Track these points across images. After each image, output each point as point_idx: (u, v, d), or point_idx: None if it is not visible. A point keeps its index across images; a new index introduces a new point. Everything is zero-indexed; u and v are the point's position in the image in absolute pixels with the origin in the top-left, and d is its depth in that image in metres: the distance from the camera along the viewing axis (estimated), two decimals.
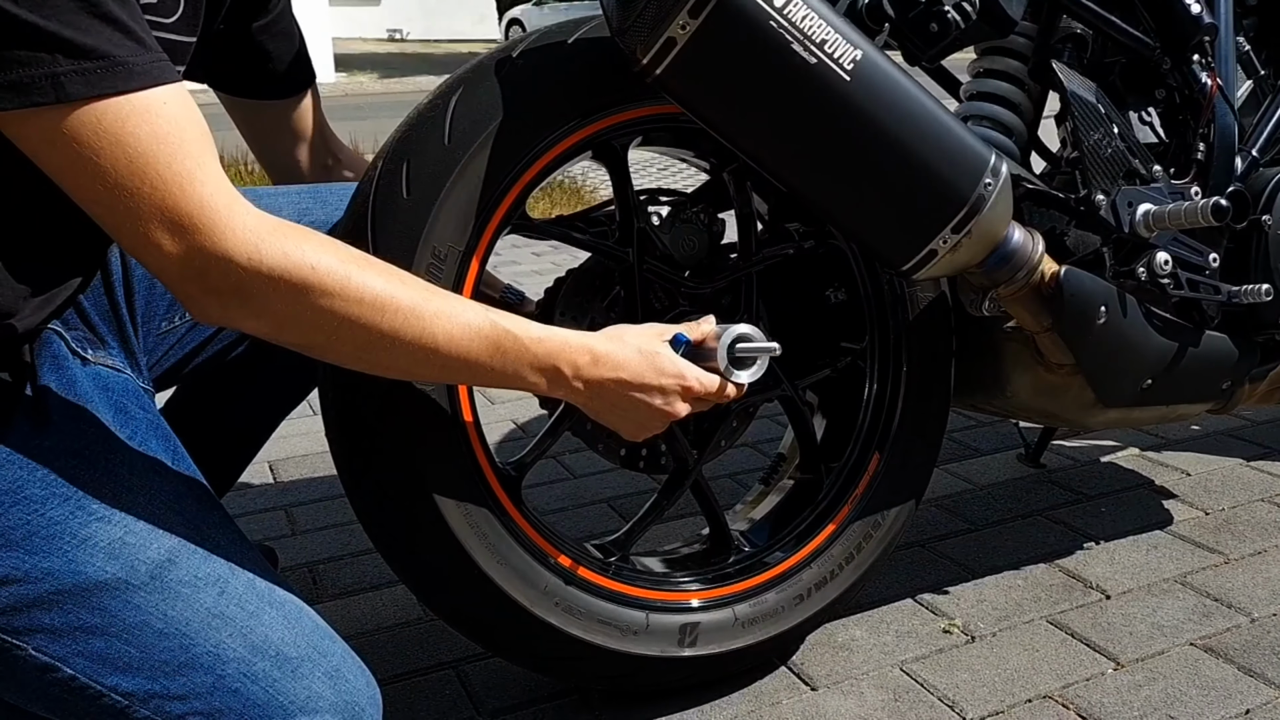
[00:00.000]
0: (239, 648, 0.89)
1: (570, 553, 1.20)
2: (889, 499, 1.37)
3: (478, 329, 0.94)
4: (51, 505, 0.86)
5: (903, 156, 1.10)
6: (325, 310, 0.86)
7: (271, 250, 0.83)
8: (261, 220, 0.83)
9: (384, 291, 0.89)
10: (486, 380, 0.98)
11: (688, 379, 1.07)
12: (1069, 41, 1.39)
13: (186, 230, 0.80)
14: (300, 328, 0.87)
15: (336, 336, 0.88)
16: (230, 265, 0.81)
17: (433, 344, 0.92)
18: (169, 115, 0.80)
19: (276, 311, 0.85)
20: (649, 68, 1.05)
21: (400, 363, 0.92)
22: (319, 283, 0.85)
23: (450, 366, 0.94)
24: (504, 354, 0.96)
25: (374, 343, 0.89)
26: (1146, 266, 1.33)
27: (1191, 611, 1.45)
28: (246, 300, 0.84)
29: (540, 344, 0.99)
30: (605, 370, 1.03)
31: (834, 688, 1.31)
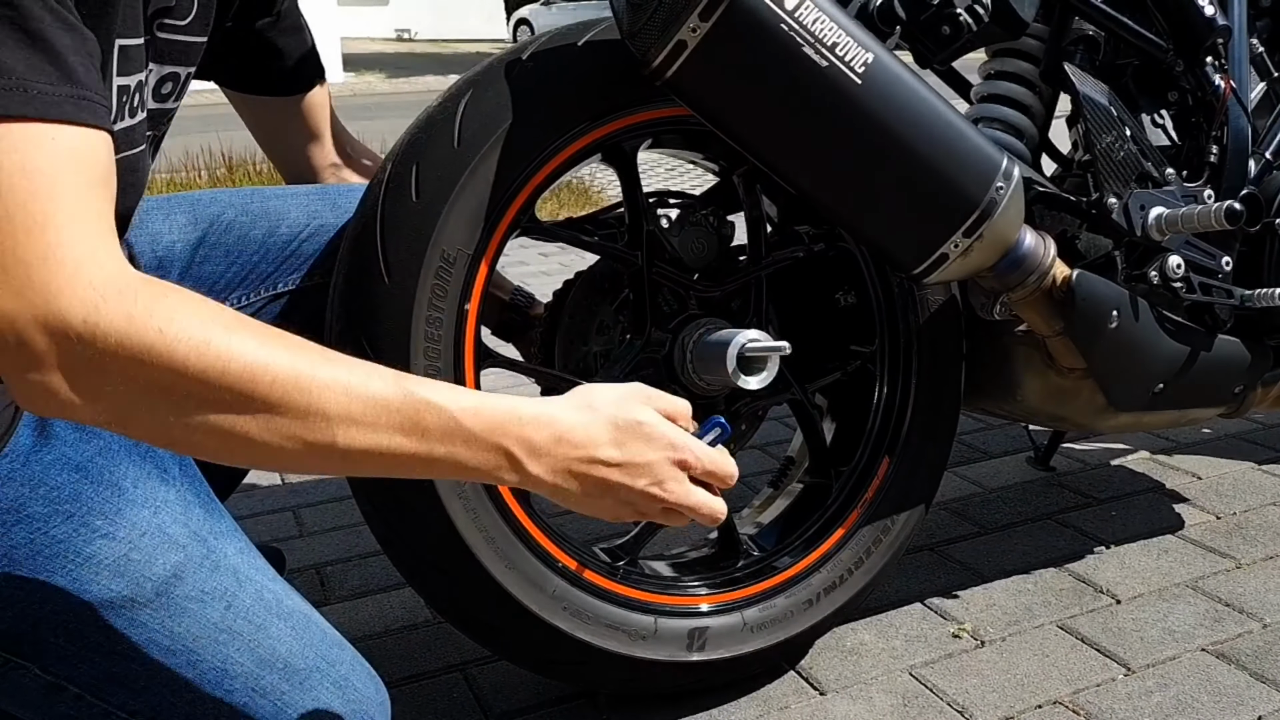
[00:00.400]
0: (246, 662, 0.89)
1: (578, 556, 1.20)
2: (899, 503, 1.37)
3: (385, 401, 0.73)
4: (54, 523, 0.85)
5: (914, 160, 1.09)
6: (175, 386, 0.68)
7: (113, 311, 0.67)
8: (115, 277, 0.68)
9: (256, 359, 0.70)
10: (410, 471, 0.77)
11: (681, 451, 0.84)
12: (1081, 43, 1.38)
13: (16, 281, 0.65)
14: (149, 412, 0.69)
15: (196, 422, 0.69)
16: (60, 329, 0.66)
17: (322, 426, 0.72)
18: (51, 152, 0.68)
19: (116, 392, 0.68)
20: (659, 70, 1.05)
21: (284, 455, 0.72)
22: (166, 349, 0.67)
23: (352, 454, 0.73)
24: (425, 433, 0.75)
25: (245, 428, 0.70)
26: (1159, 270, 1.32)
27: (1203, 616, 1.44)
28: (77, 376, 0.67)
29: (477, 416, 0.77)
30: (571, 449, 0.81)
31: (843, 692, 1.30)
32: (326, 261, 1.24)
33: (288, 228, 1.25)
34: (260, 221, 1.24)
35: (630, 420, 0.84)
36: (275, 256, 1.24)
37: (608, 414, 0.83)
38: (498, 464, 0.79)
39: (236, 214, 1.24)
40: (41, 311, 0.65)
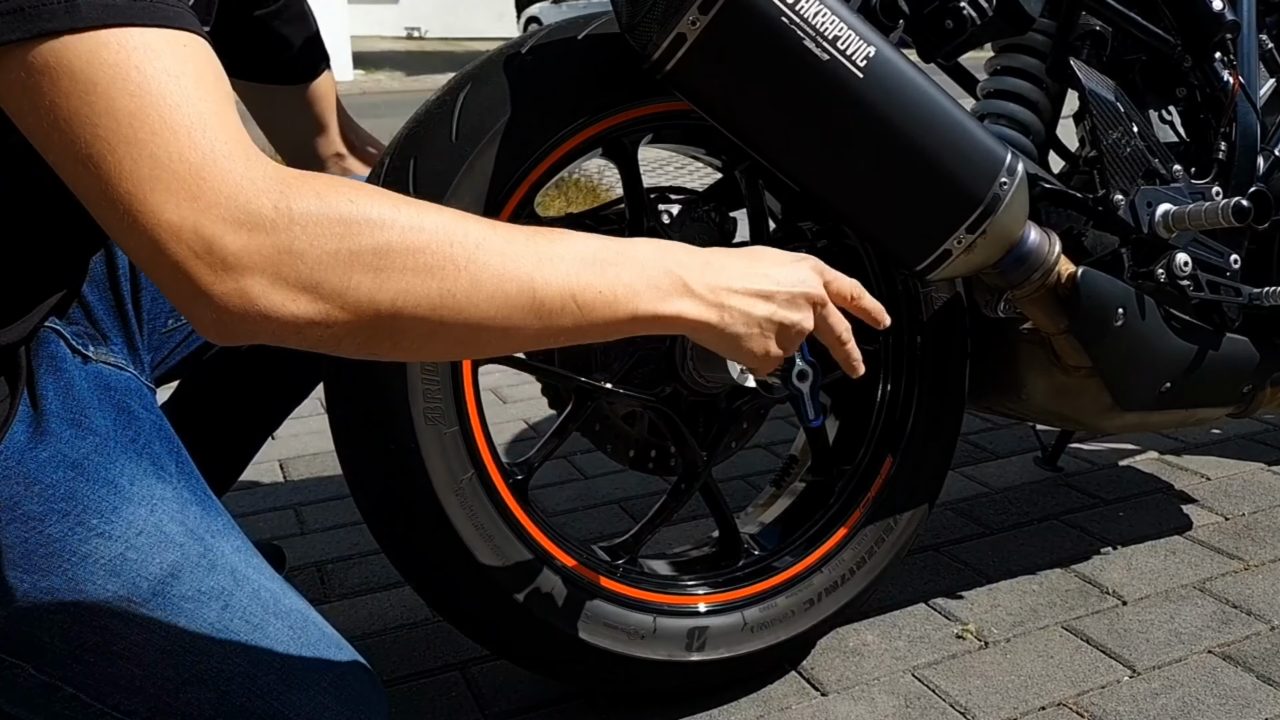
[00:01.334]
0: (243, 662, 0.88)
1: (577, 555, 1.19)
2: (902, 503, 1.35)
3: (568, 244, 0.76)
4: (50, 522, 0.83)
5: (916, 155, 1.08)
6: (378, 253, 0.66)
7: (300, 193, 0.65)
8: (278, 168, 0.67)
9: (444, 218, 0.70)
10: (594, 316, 0.76)
11: (816, 262, 0.90)
12: (1088, 39, 1.37)
13: (187, 185, 0.63)
14: (354, 292, 0.66)
15: (404, 292, 0.68)
16: (251, 221, 0.63)
17: (524, 270, 0.72)
18: (188, 57, 0.66)
19: (317, 277, 0.65)
20: (659, 64, 1.04)
21: (487, 315, 0.71)
22: (364, 217, 0.66)
23: (549, 300, 0.74)
24: (604, 265, 0.77)
25: (452, 288, 0.69)
26: (1166, 268, 1.31)
27: (1210, 618, 1.43)
28: (279, 268, 0.64)
29: (641, 248, 0.80)
30: (725, 271, 0.84)
31: (844, 693, 1.29)
32: None
33: None
34: None
35: (751, 249, 0.89)
36: None
37: (755, 250, 0.89)
38: (669, 289, 0.80)
39: None
40: (227, 209, 0.63)
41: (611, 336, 0.81)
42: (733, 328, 0.85)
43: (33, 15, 0.63)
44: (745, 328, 0.85)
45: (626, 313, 0.78)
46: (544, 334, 0.76)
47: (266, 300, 0.64)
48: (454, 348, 0.74)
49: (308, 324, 0.66)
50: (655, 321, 0.80)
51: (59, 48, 0.63)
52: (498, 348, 0.75)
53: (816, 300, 0.89)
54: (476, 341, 0.73)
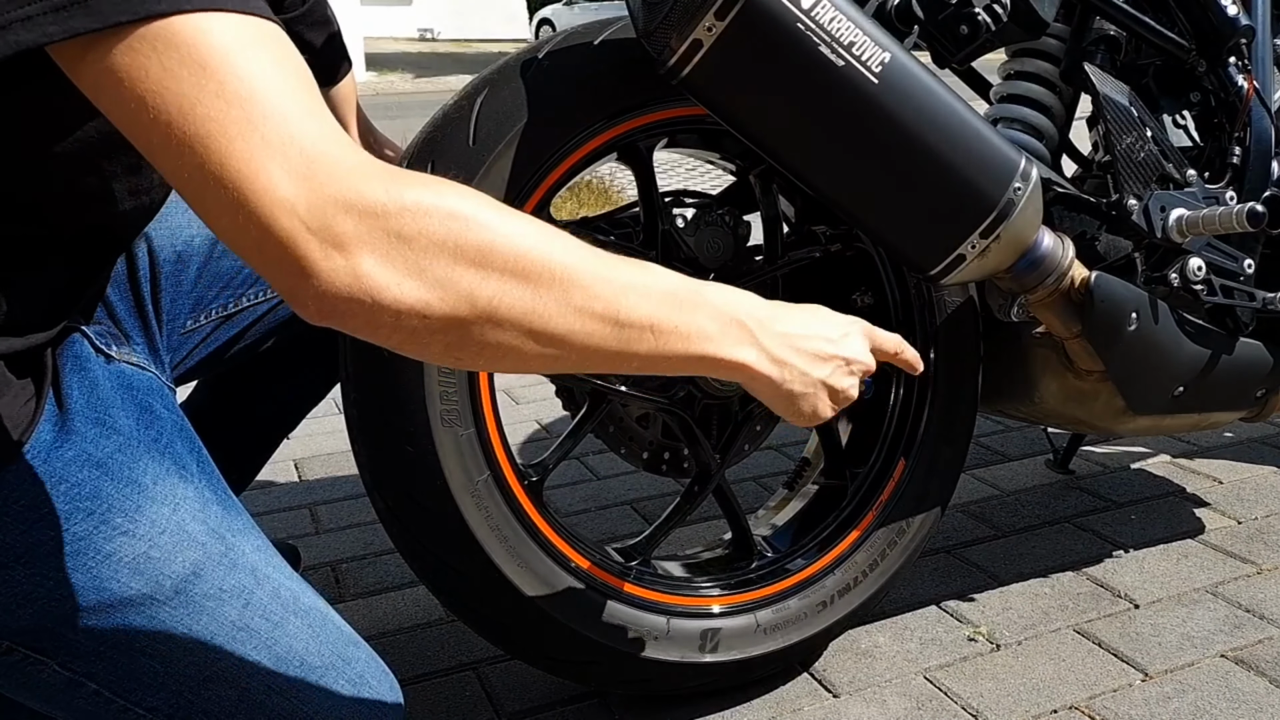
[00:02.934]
0: (263, 660, 0.89)
1: (591, 556, 1.19)
2: (914, 505, 1.36)
3: (652, 278, 0.78)
4: (75, 520, 0.84)
5: (931, 160, 1.08)
6: (483, 251, 0.68)
7: (410, 182, 0.67)
8: (384, 162, 0.69)
9: (546, 233, 0.72)
10: (668, 349, 0.78)
11: (866, 326, 0.96)
12: (1101, 43, 1.37)
13: (300, 167, 0.63)
14: (455, 286, 0.67)
15: (499, 295, 0.68)
16: (364, 204, 0.64)
17: (610, 292, 0.74)
18: (284, 45, 0.67)
19: (423, 265, 0.66)
20: (675, 69, 1.04)
21: (575, 328, 0.73)
22: (474, 214, 0.68)
23: (630, 327, 0.75)
24: (681, 305, 0.79)
25: (543, 299, 0.70)
26: (1179, 272, 1.31)
27: (1222, 622, 1.43)
28: (389, 250, 0.65)
29: (718, 294, 0.83)
30: (790, 324, 0.88)
31: (856, 695, 1.29)
32: None
33: None
34: None
35: (814, 308, 0.93)
36: None
37: (805, 305, 0.92)
38: (738, 338, 0.83)
39: None
40: (341, 190, 0.64)
41: (675, 372, 0.83)
42: (789, 385, 0.88)
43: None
44: (801, 387, 0.89)
45: (697, 351, 0.80)
46: (619, 358, 0.77)
47: (373, 280, 0.65)
48: (534, 360, 0.74)
49: (407, 310, 0.67)
50: (719, 365, 0.83)
51: (166, 29, 0.63)
52: (575, 365, 0.76)
53: (866, 371, 0.95)
54: (557, 355, 0.74)
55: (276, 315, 1.27)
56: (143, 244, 1.16)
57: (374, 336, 0.69)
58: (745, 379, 0.86)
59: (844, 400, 0.93)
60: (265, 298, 1.25)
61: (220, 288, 1.22)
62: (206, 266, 1.21)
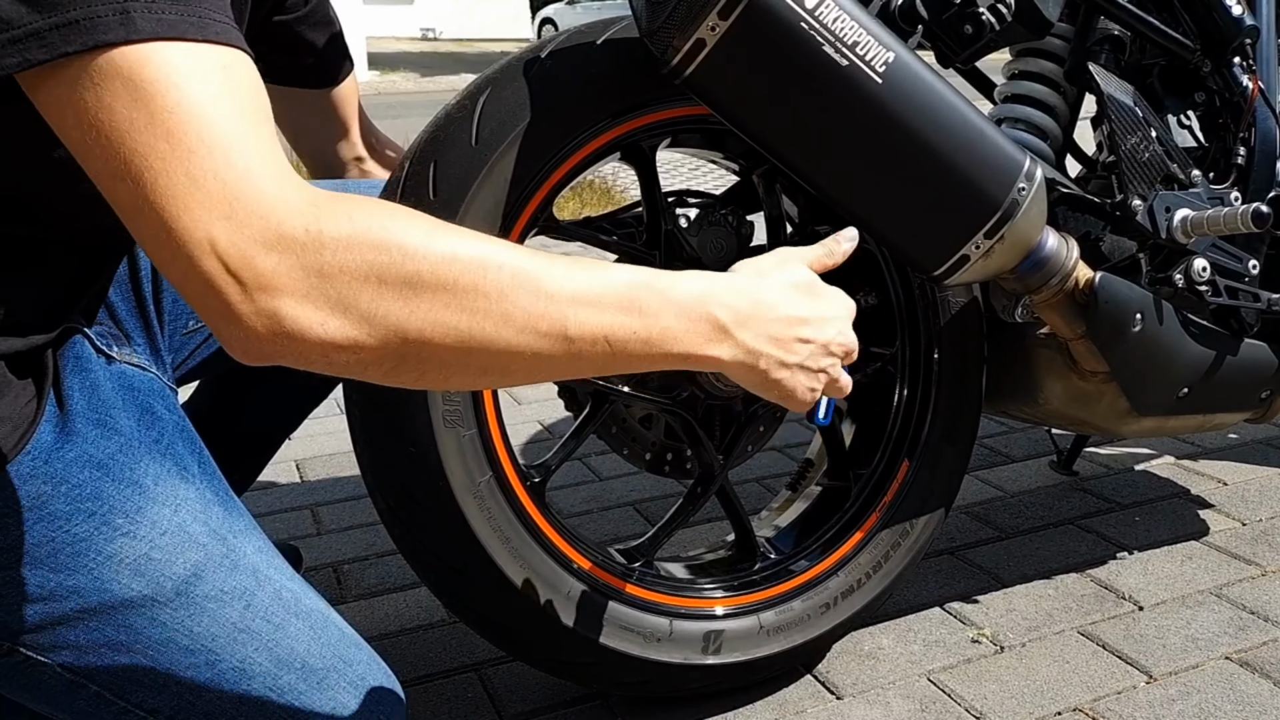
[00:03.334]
0: (265, 661, 0.89)
1: (594, 558, 1.19)
2: (918, 507, 1.35)
3: (603, 280, 0.75)
4: (76, 521, 0.84)
5: (935, 161, 1.08)
6: (409, 281, 0.67)
7: (332, 216, 0.65)
8: (313, 192, 0.68)
9: (479, 248, 0.70)
10: (626, 354, 0.77)
11: (850, 301, 0.94)
12: (1106, 43, 1.37)
13: (222, 204, 0.63)
14: (384, 318, 0.66)
15: (432, 321, 0.68)
16: (284, 242, 0.63)
17: (555, 308, 0.72)
18: (231, 75, 0.67)
19: (348, 300, 0.65)
20: (678, 69, 1.04)
21: (517, 348, 0.71)
22: (397, 243, 0.66)
23: (581, 339, 0.74)
24: (643, 310, 0.76)
25: (481, 322, 0.69)
26: (1184, 273, 1.31)
27: (1227, 624, 1.42)
28: (309, 290, 0.64)
29: (681, 289, 0.80)
30: (769, 310, 0.85)
31: (860, 697, 1.29)
32: None
33: None
34: None
35: (802, 279, 0.90)
36: None
37: (783, 277, 0.89)
38: (709, 335, 0.81)
39: None
40: (260, 229, 0.63)
41: (644, 370, 0.81)
42: (772, 373, 0.87)
43: (88, 28, 0.64)
44: (780, 372, 0.87)
45: (660, 352, 0.79)
46: (573, 368, 0.76)
47: (294, 322, 0.64)
48: (480, 378, 0.73)
49: (334, 347, 0.66)
50: (689, 360, 0.81)
51: (110, 60, 0.64)
52: (524, 378, 0.75)
53: (848, 352, 0.93)
54: (503, 373, 0.73)
55: None
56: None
57: (312, 367, 0.68)
58: (721, 370, 0.85)
59: (829, 380, 0.92)
60: None
61: None
62: None
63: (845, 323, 0.92)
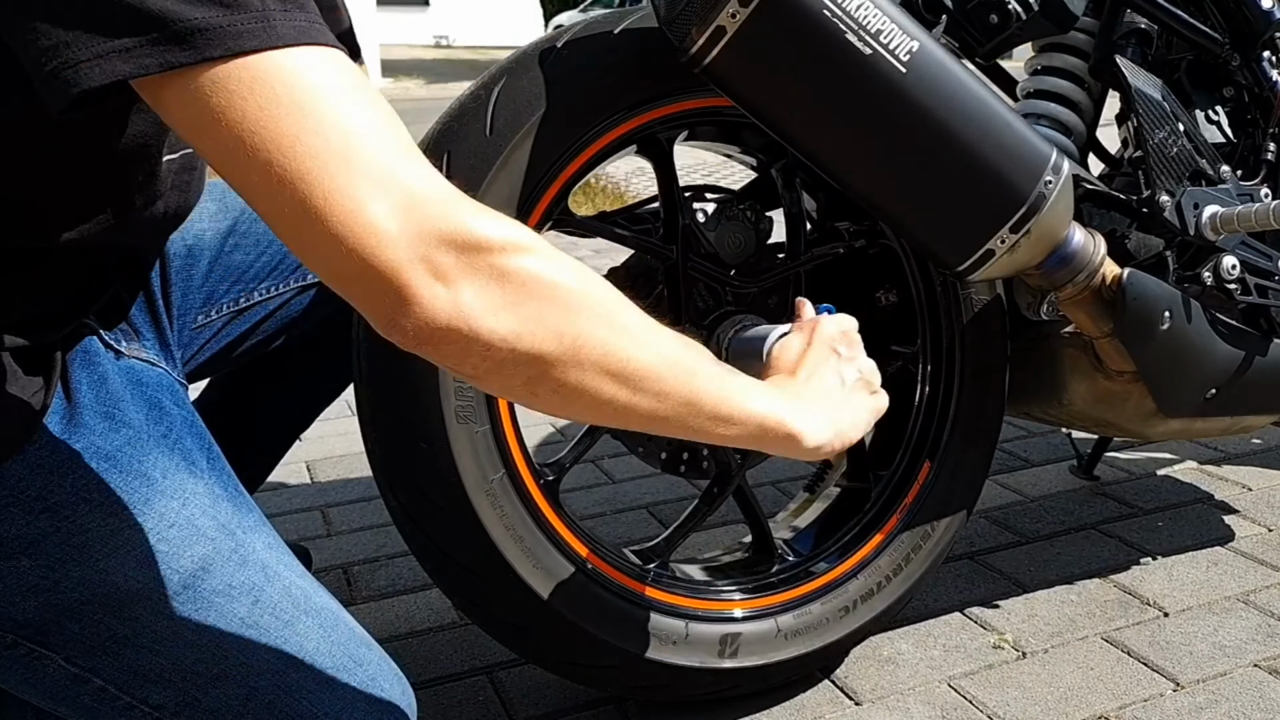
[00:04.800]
0: (273, 659, 0.87)
1: (609, 558, 1.17)
2: (939, 509, 1.33)
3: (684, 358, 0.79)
4: (81, 512, 0.83)
5: (959, 152, 1.06)
6: (568, 305, 0.70)
7: (504, 222, 0.69)
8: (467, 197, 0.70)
9: (611, 296, 0.74)
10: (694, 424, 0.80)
11: (868, 376, 1.02)
12: (1132, 37, 1.34)
13: (411, 200, 0.65)
14: (541, 330, 0.69)
15: (576, 349, 0.71)
16: (467, 240, 0.66)
17: (669, 408, 0.77)
18: (364, 79, 0.69)
19: (517, 303, 0.68)
20: (697, 57, 1.02)
21: (633, 418, 0.76)
22: (559, 266, 0.70)
23: (662, 423, 0.78)
24: (730, 420, 0.82)
25: (613, 357, 0.72)
26: (1213, 271, 1.28)
27: (1255, 631, 1.39)
28: (489, 284, 0.67)
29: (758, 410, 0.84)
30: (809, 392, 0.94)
31: (879, 703, 1.26)
32: None
33: None
34: None
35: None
36: None
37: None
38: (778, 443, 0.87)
39: None
40: (442, 224, 0.65)
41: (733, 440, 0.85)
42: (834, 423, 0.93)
43: (230, 34, 0.63)
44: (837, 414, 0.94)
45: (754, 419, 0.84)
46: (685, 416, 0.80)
47: (471, 310, 0.66)
48: (607, 406, 0.75)
49: (499, 341, 0.68)
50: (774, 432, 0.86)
51: (261, 65, 0.64)
52: (644, 420, 0.78)
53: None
54: (629, 403, 0.75)
55: (288, 310, 1.25)
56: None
57: (463, 365, 0.69)
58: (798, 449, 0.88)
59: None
60: (276, 292, 1.23)
61: (231, 282, 1.20)
62: (217, 261, 1.19)
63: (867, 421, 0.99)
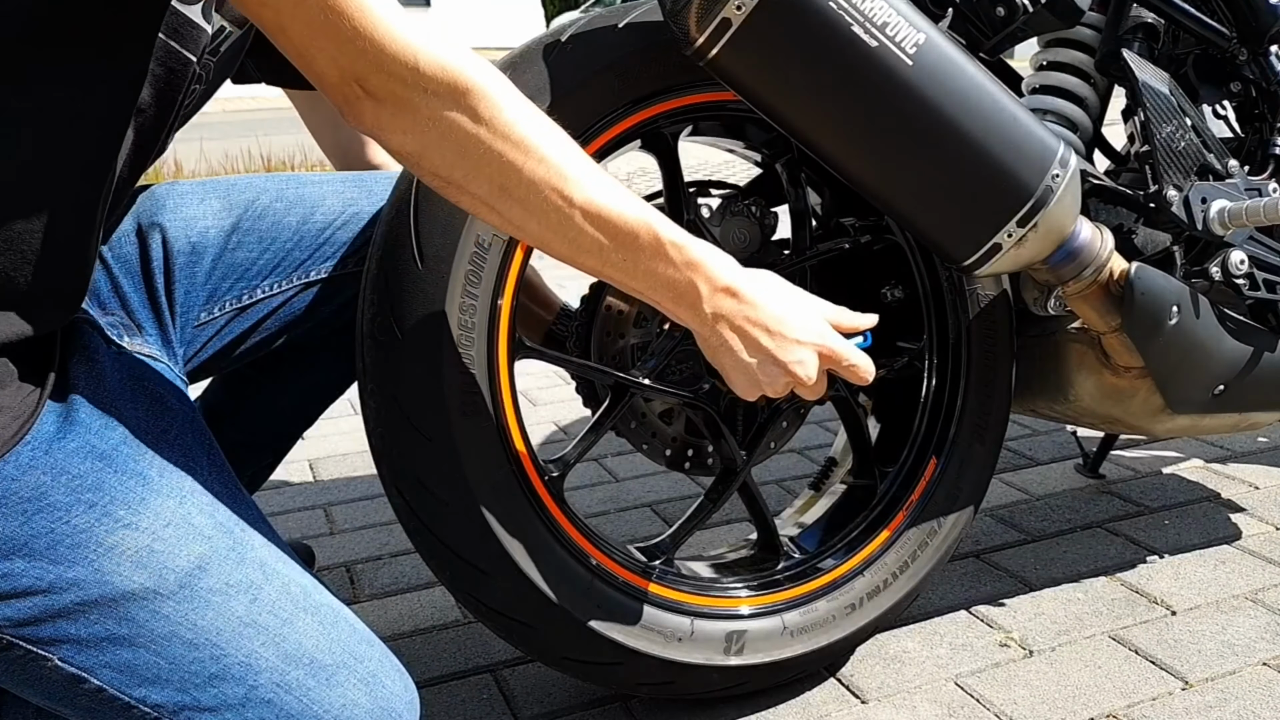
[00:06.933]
0: (272, 657, 0.86)
1: (613, 555, 1.16)
2: (946, 505, 1.32)
3: (618, 210, 0.90)
4: (76, 512, 0.82)
5: (966, 145, 1.05)
6: (468, 140, 0.84)
7: (434, 68, 0.82)
8: (433, 40, 0.83)
9: (530, 138, 0.86)
10: (612, 271, 0.92)
11: (830, 343, 1.00)
12: (1139, 31, 1.33)
13: (352, 37, 0.79)
14: (441, 155, 0.85)
15: (475, 172, 0.86)
16: (391, 73, 0.81)
17: (569, 210, 0.88)
18: None
19: (423, 131, 0.84)
20: (703, 50, 1.01)
21: (531, 219, 0.88)
22: (471, 111, 0.84)
23: (580, 241, 0.90)
24: (638, 248, 0.91)
25: (509, 189, 0.86)
26: (1221, 266, 1.27)
27: (1264, 630, 1.38)
28: (399, 111, 0.83)
29: (680, 250, 0.92)
30: (744, 304, 0.96)
31: (885, 701, 1.25)
32: (361, 249, 1.22)
33: (322, 215, 1.22)
34: (295, 208, 1.22)
35: (804, 304, 0.99)
36: (309, 244, 1.21)
37: (789, 292, 1.00)
38: (681, 294, 0.94)
39: (271, 200, 1.21)
40: (376, 57, 0.80)
41: (633, 293, 0.96)
42: (720, 354, 0.98)
43: None
44: (727, 357, 0.98)
45: (636, 286, 0.94)
46: (574, 260, 0.92)
47: (388, 121, 0.84)
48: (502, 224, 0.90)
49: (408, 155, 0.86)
50: (660, 305, 0.96)
51: None
52: (535, 243, 0.92)
53: (803, 383, 1.00)
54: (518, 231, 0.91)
55: (291, 308, 1.24)
56: (157, 235, 1.14)
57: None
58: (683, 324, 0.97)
59: (774, 389, 0.99)
60: (279, 290, 1.22)
61: (234, 280, 1.20)
62: (221, 258, 1.19)
63: (808, 361, 0.98)
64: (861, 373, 1.02)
